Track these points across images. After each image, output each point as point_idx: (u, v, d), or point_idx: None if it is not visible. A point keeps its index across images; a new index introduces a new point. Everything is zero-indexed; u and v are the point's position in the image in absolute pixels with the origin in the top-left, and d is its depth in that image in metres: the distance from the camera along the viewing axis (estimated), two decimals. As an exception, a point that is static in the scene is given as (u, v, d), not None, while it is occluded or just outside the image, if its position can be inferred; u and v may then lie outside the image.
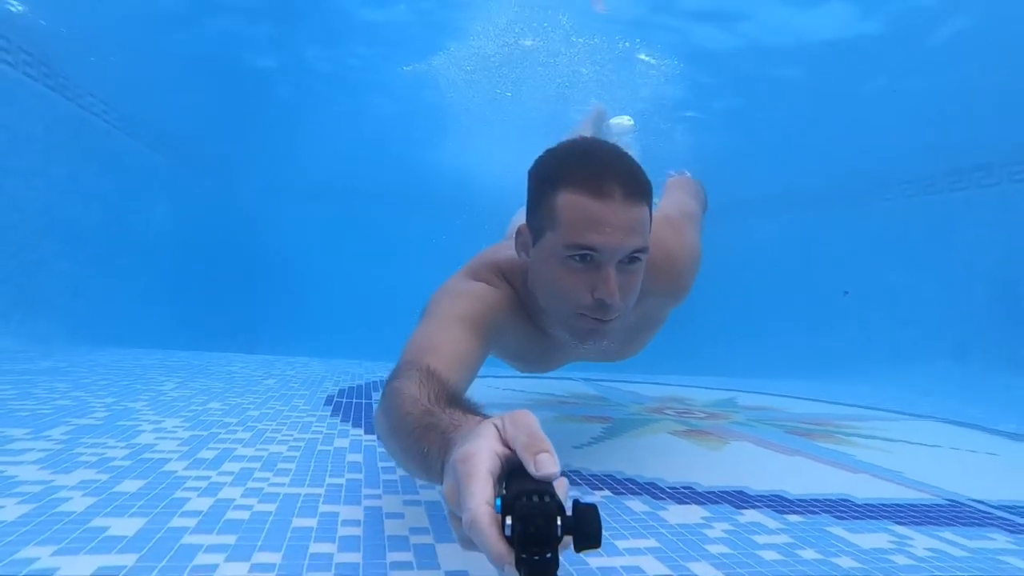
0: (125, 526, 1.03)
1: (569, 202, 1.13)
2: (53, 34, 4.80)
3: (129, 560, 0.90)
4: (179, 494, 1.22)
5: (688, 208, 1.84)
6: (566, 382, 3.68)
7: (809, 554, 1.12)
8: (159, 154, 7.33)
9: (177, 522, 1.07)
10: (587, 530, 0.55)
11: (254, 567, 0.92)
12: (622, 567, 1.01)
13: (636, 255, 1.16)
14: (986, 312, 5.81)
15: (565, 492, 0.59)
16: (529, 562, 0.53)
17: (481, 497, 0.56)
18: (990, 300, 5.81)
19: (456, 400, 0.86)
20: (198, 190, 8.83)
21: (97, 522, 1.03)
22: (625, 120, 4.53)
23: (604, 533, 0.56)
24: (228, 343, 6.11)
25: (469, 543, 0.61)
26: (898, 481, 1.75)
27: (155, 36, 6.94)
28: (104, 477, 1.28)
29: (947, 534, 1.28)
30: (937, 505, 1.52)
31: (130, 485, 1.25)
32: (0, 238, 4.17)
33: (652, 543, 1.14)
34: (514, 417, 0.63)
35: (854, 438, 2.49)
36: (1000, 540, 1.26)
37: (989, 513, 1.46)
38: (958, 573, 1.06)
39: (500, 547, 0.54)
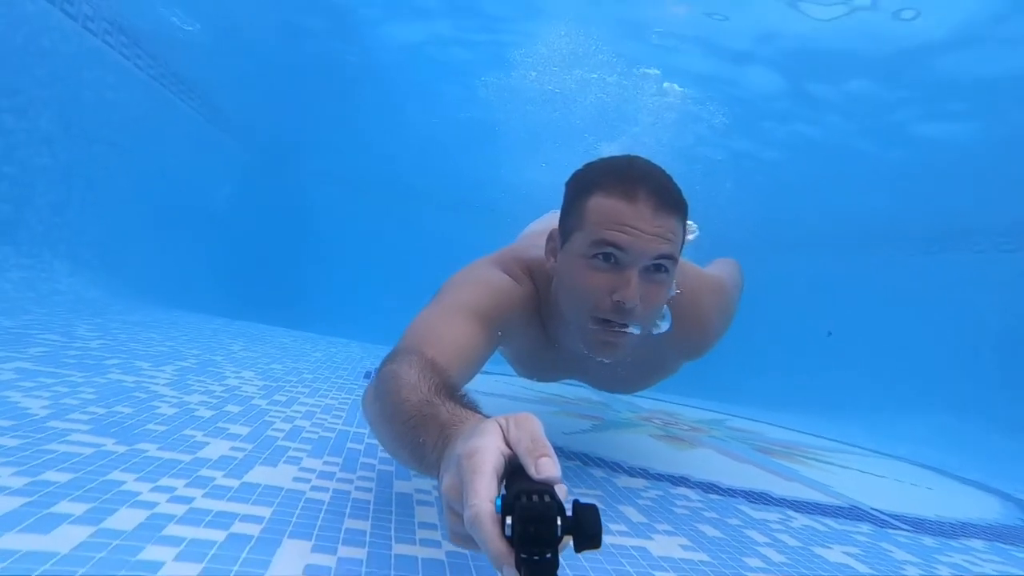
0: (238, 430, 1.51)
1: (599, 204, 1.15)
2: (163, 33, 5.46)
3: (248, 446, 1.38)
4: (267, 419, 1.71)
5: (735, 279, 1.86)
6: (574, 388, 4.11)
7: (710, 515, 1.55)
8: (231, 137, 8.02)
9: (270, 433, 1.55)
10: (587, 530, 0.55)
11: (325, 462, 1.39)
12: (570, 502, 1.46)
13: (661, 264, 1.14)
14: (990, 373, 6.04)
15: (564, 495, 0.59)
16: (529, 562, 0.53)
17: (485, 495, 0.56)
18: (994, 363, 6.04)
19: (456, 394, 0.85)
20: (261, 174, 9.55)
21: (220, 424, 1.52)
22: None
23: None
24: (271, 316, 6.71)
25: (461, 538, 0.62)
26: (820, 490, 2.15)
27: (250, 35, 7.60)
28: (214, 400, 1.78)
29: (826, 520, 1.69)
30: (837, 506, 1.92)
31: (232, 408, 1.74)
32: (98, 204, 4.80)
33: (598, 493, 1.58)
34: (518, 419, 0.64)
35: (811, 461, 2.87)
36: (863, 528, 1.67)
37: (874, 516, 1.86)
38: (814, 538, 1.48)
39: (500, 547, 0.54)
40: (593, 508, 0.56)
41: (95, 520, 0.85)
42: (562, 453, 1.99)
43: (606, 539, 1.21)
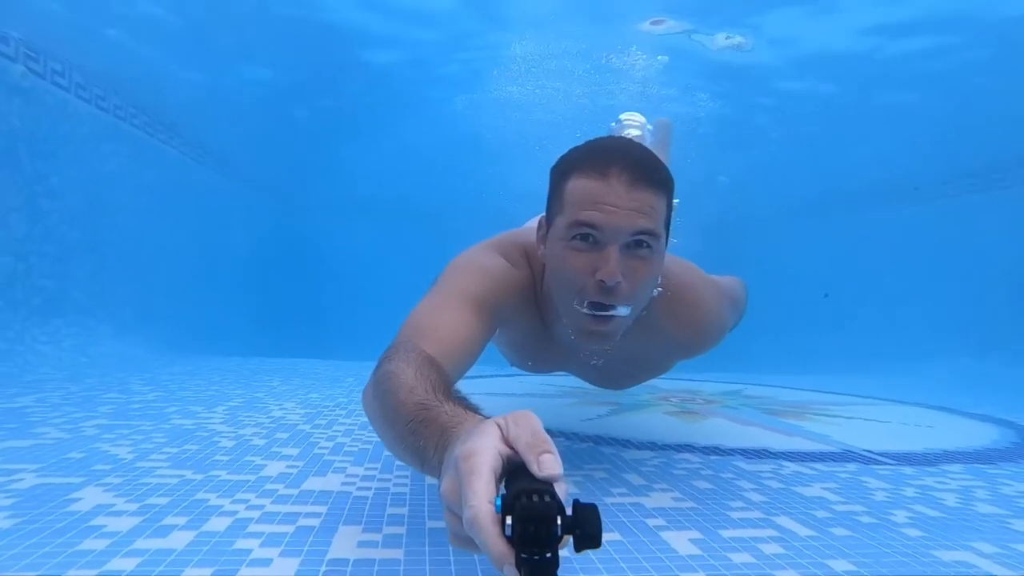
0: (289, 451, 1.76)
1: (576, 186, 1.15)
2: (173, 101, 5.82)
3: (300, 463, 1.63)
4: (312, 440, 1.95)
5: (737, 294, 1.85)
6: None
7: (706, 472, 1.76)
8: (238, 184, 8.38)
9: (317, 451, 1.80)
10: (587, 530, 0.55)
11: (366, 468, 1.63)
12: (580, 476, 1.68)
13: (643, 239, 1.13)
14: (1005, 311, 6.12)
15: (564, 493, 0.59)
16: (529, 562, 0.53)
17: (483, 495, 0.56)
18: (1007, 300, 6.12)
19: (455, 394, 0.86)
20: (273, 213, 9.91)
21: (274, 450, 1.77)
22: (635, 117, 3.98)
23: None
24: (300, 348, 7.04)
25: (462, 541, 0.62)
26: (819, 441, 2.34)
27: (256, 96, 7.97)
28: (264, 431, 2.04)
29: (815, 464, 1.89)
30: (831, 452, 2.11)
31: (281, 435, 1.99)
32: (125, 265, 5.13)
33: (607, 466, 1.79)
34: (517, 417, 0.64)
35: (820, 416, 3.04)
36: (851, 467, 1.86)
37: (864, 456, 2.05)
38: (799, 480, 1.68)
39: (500, 547, 0.54)
40: (593, 507, 0.56)
41: (195, 527, 1.10)
42: (576, 437, 2.21)
43: (606, 500, 1.43)
